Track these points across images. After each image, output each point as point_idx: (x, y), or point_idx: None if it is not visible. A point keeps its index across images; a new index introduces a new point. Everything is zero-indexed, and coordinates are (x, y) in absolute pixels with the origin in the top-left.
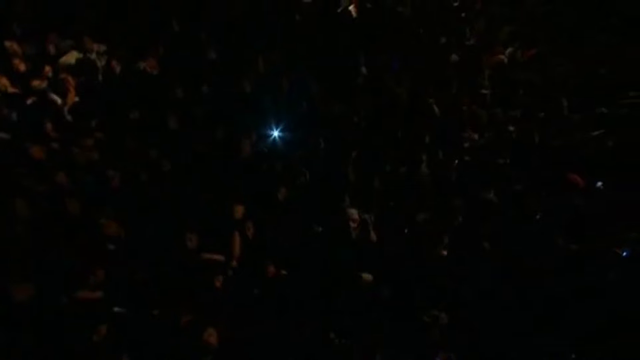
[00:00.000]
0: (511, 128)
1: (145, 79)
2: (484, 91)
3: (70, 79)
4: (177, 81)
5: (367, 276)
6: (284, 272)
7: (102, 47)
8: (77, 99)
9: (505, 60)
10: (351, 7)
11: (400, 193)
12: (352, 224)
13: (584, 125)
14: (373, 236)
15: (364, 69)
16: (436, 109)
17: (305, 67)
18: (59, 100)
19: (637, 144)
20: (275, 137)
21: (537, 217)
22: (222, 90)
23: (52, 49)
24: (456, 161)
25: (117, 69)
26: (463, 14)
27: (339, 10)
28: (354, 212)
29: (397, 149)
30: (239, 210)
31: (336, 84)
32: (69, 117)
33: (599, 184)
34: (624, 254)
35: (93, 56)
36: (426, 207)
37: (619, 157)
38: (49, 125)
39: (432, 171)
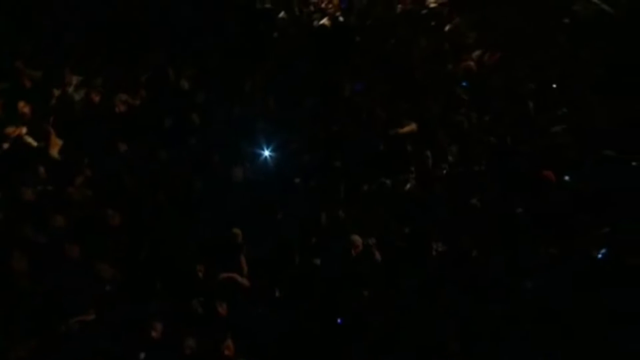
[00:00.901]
0: (486, 132)
1: (129, 110)
2: (464, 96)
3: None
4: (163, 111)
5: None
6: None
7: (80, 79)
8: (59, 140)
9: (474, 66)
10: (324, 21)
11: (391, 205)
12: (354, 251)
13: (549, 125)
14: (378, 256)
15: (347, 87)
16: (413, 125)
17: (290, 85)
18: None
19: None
20: (266, 160)
21: (519, 218)
22: (210, 117)
23: (27, 84)
24: (444, 171)
25: (97, 101)
26: (433, 23)
27: (314, 24)
28: (357, 239)
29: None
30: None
31: (320, 100)
32: (56, 157)
33: (567, 177)
34: (599, 255)
35: (71, 89)
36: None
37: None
38: (39, 168)
39: (420, 182)
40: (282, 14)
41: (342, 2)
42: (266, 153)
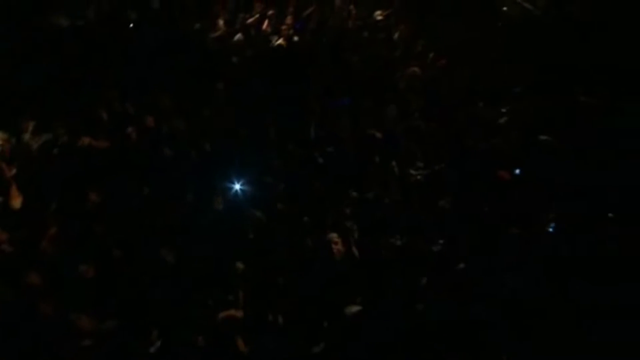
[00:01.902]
0: (442, 135)
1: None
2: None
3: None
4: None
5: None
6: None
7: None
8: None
9: (419, 71)
10: (281, 41)
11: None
12: (335, 247)
13: (495, 120)
14: (355, 251)
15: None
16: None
17: (256, 111)
18: None
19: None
20: (239, 189)
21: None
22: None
23: None
24: (418, 177)
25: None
26: (383, 35)
27: (272, 45)
28: (334, 236)
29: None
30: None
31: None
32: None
33: (517, 171)
34: (550, 229)
35: (27, 136)
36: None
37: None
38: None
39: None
40: (238, 37)
41: (296, 23)
42: (238, 186)
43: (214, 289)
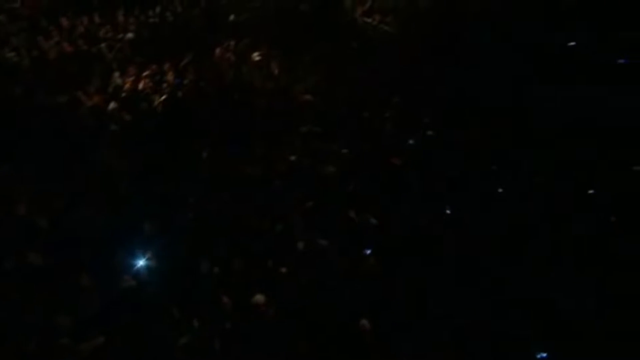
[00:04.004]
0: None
1: None
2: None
3: None
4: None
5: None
6: None
7: None
8: None
9: (311, 98)
10: (162, 99)
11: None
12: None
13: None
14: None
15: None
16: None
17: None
18: None
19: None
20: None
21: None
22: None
23: None
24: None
25: None
26: (265, 71)
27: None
28: (260, 298)
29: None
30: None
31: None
32: None
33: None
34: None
35: None
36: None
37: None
38: None
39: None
40: (112, 106)
41: (176, 79)
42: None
43: None
